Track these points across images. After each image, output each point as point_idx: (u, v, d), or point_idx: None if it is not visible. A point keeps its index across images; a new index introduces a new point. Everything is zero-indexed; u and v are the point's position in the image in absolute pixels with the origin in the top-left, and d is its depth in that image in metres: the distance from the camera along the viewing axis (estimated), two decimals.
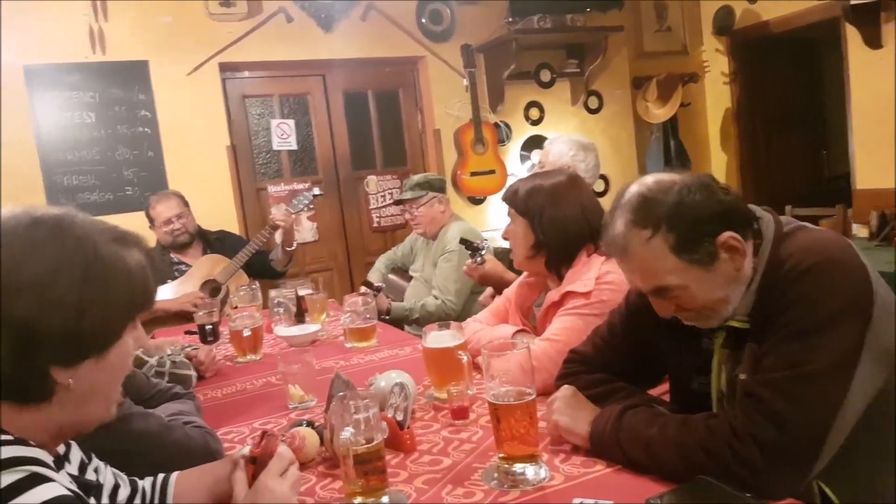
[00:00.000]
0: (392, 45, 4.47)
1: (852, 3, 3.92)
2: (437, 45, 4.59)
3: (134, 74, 3.83)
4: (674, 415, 1.16)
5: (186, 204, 3.36)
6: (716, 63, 5.42)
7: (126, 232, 0.92)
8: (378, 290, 2.90)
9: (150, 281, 0.92)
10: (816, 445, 1.03)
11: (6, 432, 0.82)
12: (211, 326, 2.47)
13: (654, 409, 1.19)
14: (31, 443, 0.83)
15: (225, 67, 4.07)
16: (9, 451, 0.79)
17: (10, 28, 3.52)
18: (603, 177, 5.03)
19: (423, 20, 4.54)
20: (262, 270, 3.40)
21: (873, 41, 4.12)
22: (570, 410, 1.25)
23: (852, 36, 4.25)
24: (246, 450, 1.10)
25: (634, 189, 1.17)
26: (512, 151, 4.88)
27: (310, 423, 1.39)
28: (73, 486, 0.84)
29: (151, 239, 3.36)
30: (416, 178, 3.23)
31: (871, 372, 1.07)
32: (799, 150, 5.72)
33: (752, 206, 1.22)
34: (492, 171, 4.66)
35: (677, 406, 1.27)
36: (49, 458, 0.84)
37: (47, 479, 0.78)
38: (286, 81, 4.40)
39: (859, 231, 3.80)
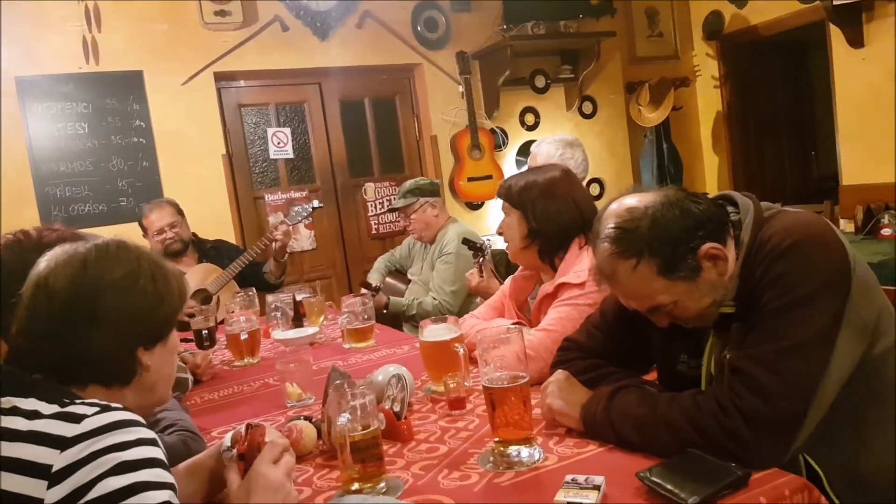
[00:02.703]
0: (388, 53, 4.51)
1: (835, 3, 3.96)
2: (432, 52, 4.63)
3: (128, 84, 3.85)
4: (662, 394, 1.18)
5: (181, 212, 3.33)
6: (706, 67, 5.47)
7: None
8: (377, 290, 2.93)
9: (185, 279, 1.13)
10: (800, 416, 1.06)
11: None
12: (207, 331, 2.47)
13: (644, 389, 1.22)
14: None
15: (220, 77, 4.10)
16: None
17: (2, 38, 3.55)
18: (598, 181, 5.08)
19: (419, 28, 4.58)
20: (257, 282, 3.35)
21: (856, 41, 4.17)
22: (563, 394, 1.28)
23: (836, 36, 4.30)
24: (228, 438, 1.11)
25: (611, 216, 1.20)
26: (508, 157, 4.91)
27: (307, 419, 1.40)
28: None
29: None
30: (406, 184, 3.26)
31: (850, 345, 1.10)
32: (789, 151, 5.78)
33: (732, 193, 1.25)
34: (489, 177, 4.68)
35: (665, 388, 1.29)
36: None
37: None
38: (282, 90, 4.43)
39: (846, 226, 3.84)
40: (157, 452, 0.89)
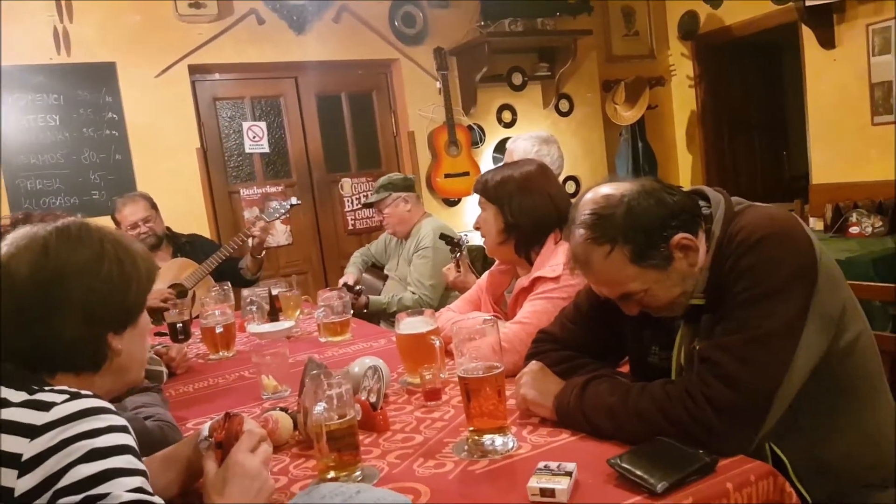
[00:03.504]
0: (365, 48, 4.50)
1: (807, 4, 4.04)
2: (410, 47, 4.63)
3: (100, 76, 3.80)
4: (634, 383, 1.20)
5: (154, 206, 3.31)
6: (681, 66, 5.54)
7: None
8: (359, 292, 2.94)
9: (153, 259, 1.11)
10: (766, 404, 1.08)
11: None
12: (182, 325, 2.46)
13: (616, 379, 1.24)
14: None
15: (195, 69, 4.06)
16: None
17: None
18: (574, 178, 5.12)
19: (396, 23, 4.57)
20: (233, 278, 3.29)
21: (827, 42, 4.26)
22: (537, 384, 1.30)
23: (808, 37, 4.38)
24: (206, 428, 1.11)
25: (587, 204, 1.22)
26: (485, 153, 4.93)
27: (283, 410, 1.40)
28: None
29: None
30: (381, 180, 3.29)
31: (816, 336, 1.13)
32: (761, 151, 5.88)
33: (704, 188, 1.28)
34: (466, 173, 4.70)
35: (637, 379, 1.31)
36: None
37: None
38: (258, 84, 4.40)
39: (816, 224, 3.91)
40: (128, 439, 0.88)
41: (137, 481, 0.85)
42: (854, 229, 3.55)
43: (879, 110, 4.09)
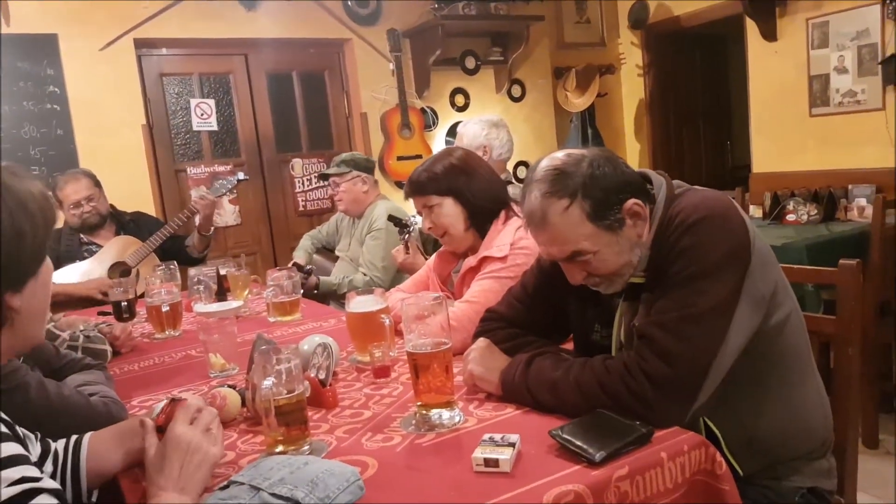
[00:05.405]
0: (317, 27, 4.43)
1: None
2: (363, 28, 4.58)
3: (41, 48, 3.66)
4: (576, 359, 1.25)
5: (98, 184, 3.21)
6: (631, 55, 5.63)
7: (15, 165, 0.96)
8: (308, 272, 2.92)
9: (53, 202, 0.99)
10: (699, 378, 1.14)
11: None
12: (126, 303, 2.41)
13: (559, 355, 1.29)
14: None
15: (141, 43, 3.94)
16: None
17: None
18: (525, 164, 5.17)
19: (349, 2, 4.52)
20: (178, 256, 3.21)
21: (769, 34, 4.39)
22: (483, 361, 1.33)
23: (752, 29, 4.51)
24: (160, 407, 1.11)
25: (547, 163, 1.25)
26: (438, 137, 4.94)
27: (231, 387, 1.40)
28: None
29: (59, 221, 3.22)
30: (343, 155, 3.27)
31: (748, 314, 1.19)
32: (706, 141, 6.04)
33: (648, 171, 1.33)
34: (419, 156, 4.69)
35: (580, 355, 1.34)
36: None
37: None
38: (206, 60, 4.30)
39: (755, 212, 4.05)
40: None
41: (19, 471, 0.79)
42: (791, 217, 3.69)
43: (817, 102, 4.25)
